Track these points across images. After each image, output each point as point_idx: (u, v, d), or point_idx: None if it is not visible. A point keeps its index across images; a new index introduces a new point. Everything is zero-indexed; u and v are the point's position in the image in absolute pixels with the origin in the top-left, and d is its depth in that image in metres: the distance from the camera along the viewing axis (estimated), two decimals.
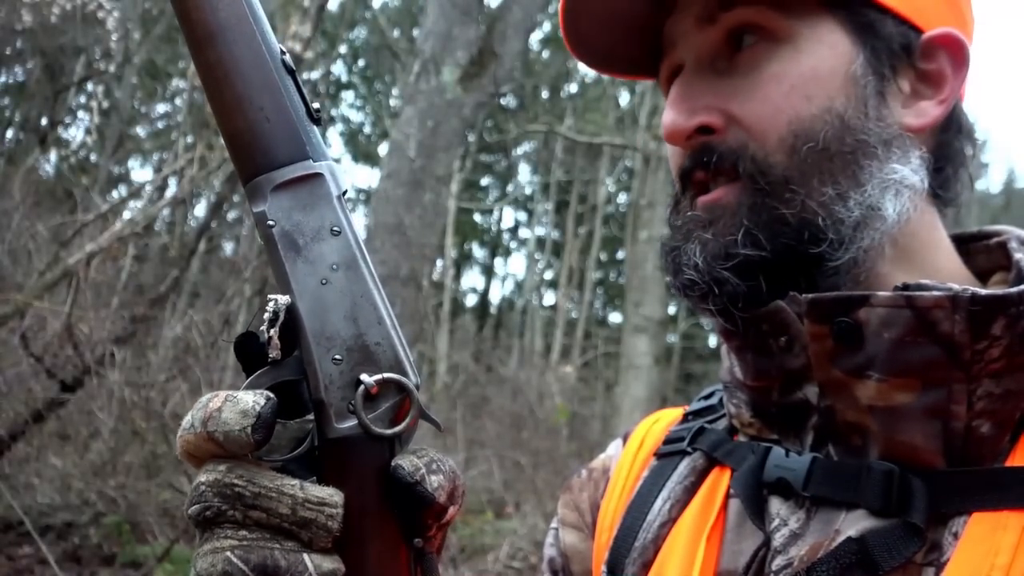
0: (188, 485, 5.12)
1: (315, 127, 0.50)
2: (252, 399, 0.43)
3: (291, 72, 0.49)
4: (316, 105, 0.50)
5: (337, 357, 0.46)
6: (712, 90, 0.60)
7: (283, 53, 0.49)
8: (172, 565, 4.95)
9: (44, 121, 10.44)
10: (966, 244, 0.66)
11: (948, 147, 0.63)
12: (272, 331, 0.45)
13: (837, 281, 0.57)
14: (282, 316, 0.45)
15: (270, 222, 0.47)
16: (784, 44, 0.58)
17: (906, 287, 0.53)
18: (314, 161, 0.48)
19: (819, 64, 0.58)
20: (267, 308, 0.45)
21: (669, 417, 0.78)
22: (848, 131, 0.57)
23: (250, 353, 0.46)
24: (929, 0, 0.61)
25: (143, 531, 5.40)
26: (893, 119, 0.59)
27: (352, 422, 0.45)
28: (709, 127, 0.59)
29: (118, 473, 5.55)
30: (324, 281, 0.46)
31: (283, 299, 0.45)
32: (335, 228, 0.47)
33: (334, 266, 0.47)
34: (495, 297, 24.29)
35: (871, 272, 0.59)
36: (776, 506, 0.58)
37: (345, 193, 0.49)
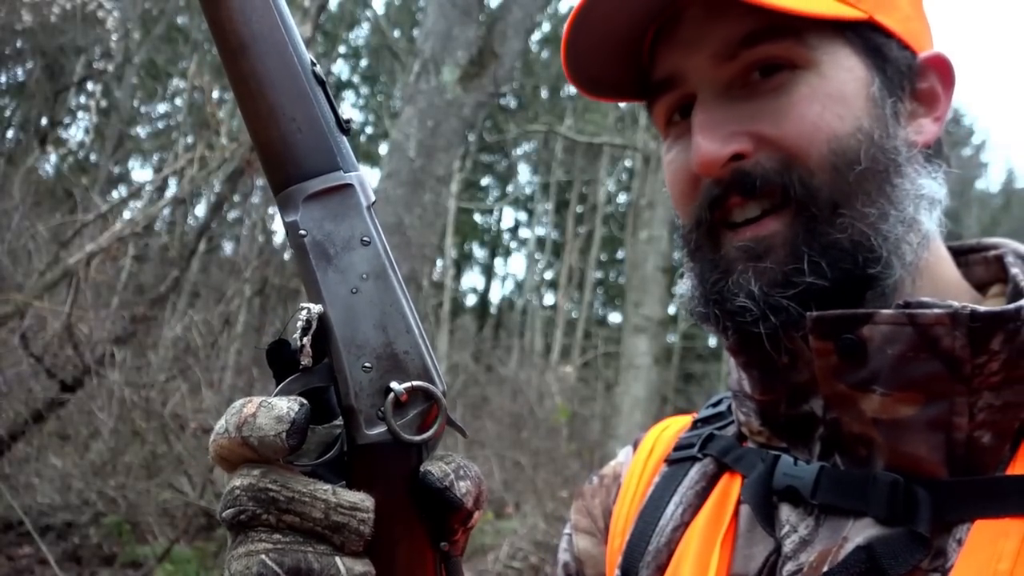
0: (188, 485, 5.13)
1: (345, 137, 0.50)
2: (286, 405, 0.43)
3: (321, 83, 0.50)
4: (346, 116, 0.50)
5: (367, 365, 0.46)
6: (736, 116, 0.60)
7: (314, 64, 0.50)
8: (172, 565, 4.95)
9: (44, 121, 10.43)
10: (964, 255, 0.67)
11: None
12: (305, 339, 0.45)
13: (887, 301, 0.59)
14: (315, 324, 0.45)
15: (302, 232, 0.47)
16: (808, 70, 0.60)
17: (907, 304, 0.55)
18: (344, 172, 0.49)
19: (844, 87, 0.59)
20: (300, 316, 0.46)
21: (679, 424, 0.80)
22: (879, 150, 0.59)
23: (281, 360, 0.47)
24: (919, 25, 0.64)
25: (143, 531, 5.40)
26: (907, 137, 0.61)
27: (381, 428, 0.46)
28: (740, 153, 0.60)
29: (118, 473, 5.55)
30: (354, 290, 0.47)
31: (316, 307, 0.46)
32: (365, 238, 0.48)
33: (364, 275, 0.48)
34: (495, 297, 24.32)
35: (910, 288, 0.60)
36: (786, 513, 0.59)
37: (374, 203, 0.50)
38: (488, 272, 24.41)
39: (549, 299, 21.04)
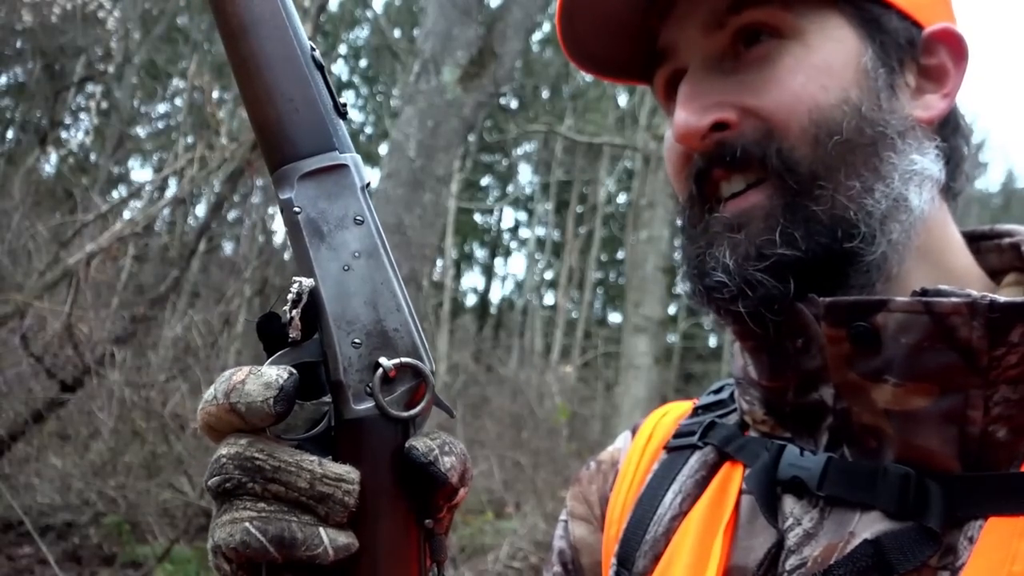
0: (188, 485, 5.13)
1: (341, 121, 0.51)
2: (275, 372, 0.44)
3: (320, 67, 0.51)
4: (343, 100, 0.51)
5: (356, 340, 0.47)
6: (721, 87, 0.60)
7: (313, 49, 0.51)
8: (172, 565, 4.96)
9: (44, 121, 10.44)
10: (976, 242, 0.66)
11: (948, 142, 0.63)
12: (295, 312, 0.46)
13: (870, 278, 0.58)
14: (305, 298, 0.46)
15: (296, 209, 0.48)
16: (794, 40, 0.59)
17: (924, 292, 0.53)
18: (340, 153, 0.50)
19: (830, 57, 0.59)
20: (291, 289, 0.46)
21: (678, 410, 0.79)
22: (866, 122, 0.58)
23: (271, 334, 0.47)
24: None
25: (143, 531, 5.40)
26: (904, 112, 0.60)
27: (369, 404, 0.46)
28: (723, 123, 0.59)
29: (118, 473, 5.55)
30: (346, 267, 0.48)
31: (307, 281, 0.47)
32: (358, 217, 0.49)
33: (356, 253, 0.48)
34: (495, 297, 24.33)
35: (900, 269, 0.59)
36: (790, 505, 0.58)
37: (368, 184, 0.50)
38: (488, 272, 24.44)
39: (549, 299, 21.06)
